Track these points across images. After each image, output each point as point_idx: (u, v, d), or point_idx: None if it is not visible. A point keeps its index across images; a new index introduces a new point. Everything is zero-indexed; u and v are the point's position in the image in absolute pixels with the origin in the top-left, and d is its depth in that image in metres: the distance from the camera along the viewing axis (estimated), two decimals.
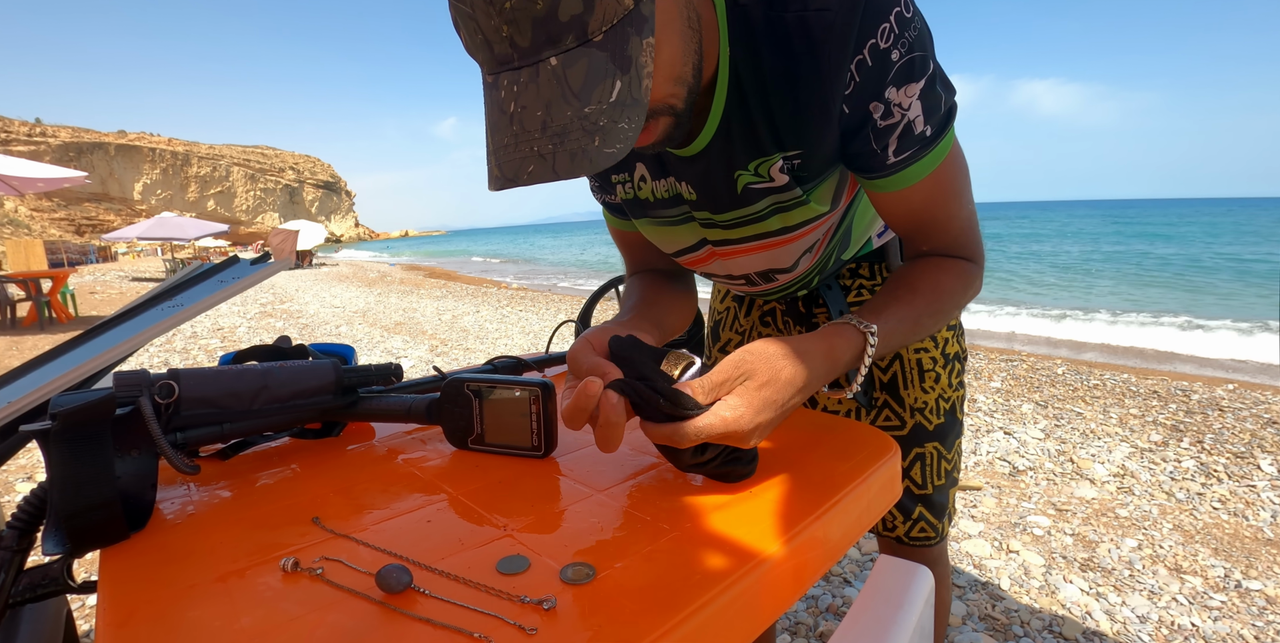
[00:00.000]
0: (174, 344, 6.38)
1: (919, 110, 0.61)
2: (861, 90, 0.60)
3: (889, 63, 0.58)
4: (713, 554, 0.47)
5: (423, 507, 0.56)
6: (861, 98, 0.60)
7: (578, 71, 0.46)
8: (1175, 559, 2.04)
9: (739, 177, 0.70)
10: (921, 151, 0.64)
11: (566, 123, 0.46)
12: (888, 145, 0.63)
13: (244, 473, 0.67)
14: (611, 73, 0.46)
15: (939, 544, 1.00)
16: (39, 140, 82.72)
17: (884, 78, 0.59)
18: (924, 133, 0.63)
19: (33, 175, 7.40)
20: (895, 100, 0.60)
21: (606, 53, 0.46)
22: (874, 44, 0.57)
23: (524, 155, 0.48)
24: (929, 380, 0.95)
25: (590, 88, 0.46)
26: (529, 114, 0.48)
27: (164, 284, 1.02)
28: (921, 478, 0.95)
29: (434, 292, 12.06)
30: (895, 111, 0.61)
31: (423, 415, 0.70)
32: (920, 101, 0.61)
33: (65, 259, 29.39)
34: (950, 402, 0.96)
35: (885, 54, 0.58)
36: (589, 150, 0.46)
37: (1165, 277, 13.68)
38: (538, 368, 0.98)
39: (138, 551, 0.51)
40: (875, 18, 0.56)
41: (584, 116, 0.46)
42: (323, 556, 0.48)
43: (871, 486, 0.62)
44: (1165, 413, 3.51)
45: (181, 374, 0.62)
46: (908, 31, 0.57)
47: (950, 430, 0.96)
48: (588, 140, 0.46)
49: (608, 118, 0.46)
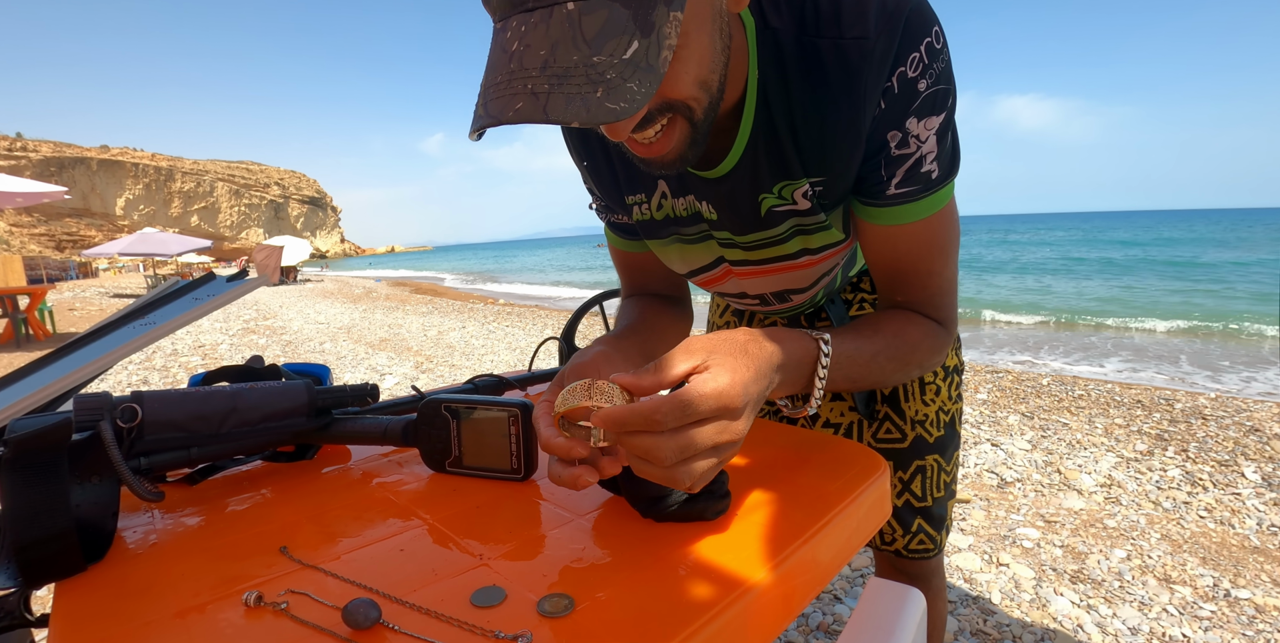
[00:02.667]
0: (154, 362, 6.28)
1: (932, 146, 0.61)
2: (884, 117, 0.59)
3: (915, 93, 0.57)
4: (698, 583, 0.45)
5: (396, 534, 0.54)
6: (882, 125, 0.59)
7: (594, 19, 0.42)
8: (1164, 569, 2.04)
9: (763, 200, 0.69)
10: (922, 192, 0.63)
11: (570, 66, 0.42)
12: (894, 175, 0.62)
13: (212, 499, 0.64)
14: (630, 31, 0.43)
15: (936, 557, 0.99)
16: (19, 155, 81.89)
17: (908, 107, 0.58)
18: (929, 172, 0.62)
19: (11, 190, 7.31)
20: (914, 131, 0.59)
21: (630, 10, 0.43)
22: (903, 72, 0.56)
23: (515, 92, 0.43)
24: (929, 393, 0.94)
25: (604, 38, 0.42)
26: (531, 53, 0.43)
27: (137, 302, 1.00)
28: (922, 491, 0.95)
29: (419, 308, 11.98)
30: (911, 142, 0.60)
31: (399, 437, 0.68)
32: (935, 137, 0.60)
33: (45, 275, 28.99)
34: (950, 414, 0.96)
35: (913, 83, 0.57)
36: (588, 98, 0.42)
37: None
38: (520, 387, 0.96)
39: (95, 584, 0.49)
40: (908, 46, 0.56)
41: (591, 65, 0.42)
42: (289, 589, 0.46)
43: (861, 505, 0.61)
44: (1150, 422, 3.53)
45: (145, 397, 0.60)
46: (936, 63, 0.57)
47: (950, 443, 0.96)
48: (590, 89, 0.42)
49: (616, 72, 0.42)
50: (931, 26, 0.56)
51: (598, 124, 0.43)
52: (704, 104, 0.54)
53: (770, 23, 0.59)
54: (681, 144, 0.56)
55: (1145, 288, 13.16)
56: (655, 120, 0.53)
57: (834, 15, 0.56)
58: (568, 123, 0.42)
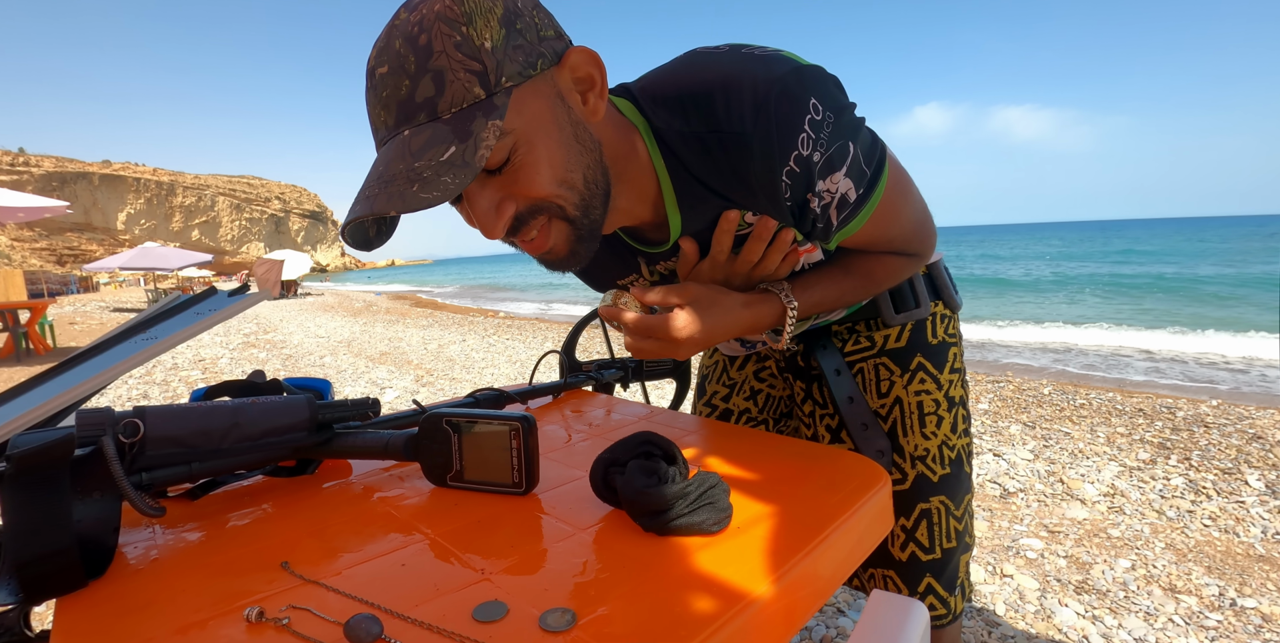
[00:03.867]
0: (154, 376, 6.28)
1: (848, 185, 0.65)
2: (796, 190, 0.64)
3: (813, 164, 0.62)
4: (699, 596, 0.45)
5: (398, 549, 0.54)
6: (798, 194, 0.64)
7: (420, 139, 0.52)
8: (1169, 579, 2.03)
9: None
10: (857, 210, 0.68)
11: (397, 173, 0.51)
12: (830, 218, 0.68)
13: (213, 514, 0.64)
14: (449, 140, 0.51)
15: (950, 625, 0.90)
16: (22, 170, 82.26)
17: (812, 177, 0.63)
18: (859, 196, 0.67)
19: (13, 205, 7.34)
20: (825, 188, 0.64)
21: (450, 126, 0.52)
22: (798, 154, 0.61)
23: (359, 200, 0.53)
24: (930, 425, 0.89)
25: (426, 149, 0.51)
26: (373, 173, 0.54)
27: (139, 317, 1.00)
28: (929, 540, 0.87)
29: (420, 321, 11.98)
30: (826, 195, 0.65)
31: (400, 452, 0.68)
32: (847, 178, 0.65)
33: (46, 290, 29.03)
34: (955, 450, 0.90)
35: (809, 159, 0.61)
36: (405, 193, 0.50)
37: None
38: (521, 400, 0.96)
39: (95, 600, 0.49)
40: (791, 133, 0.59)
41: (413, 169, 0.51)
42: (290, 604, 0.46)
43: (863, 517, 0.61)
44: (1152, 431, 3.52)
45: (148, 412, 0.60)
46: (822, 133, 0.61)
47: (958, 484, 0.90)
48: (408, 186, 0.51)
49: (432, 171, 0.50)
50: (806, 103, 0.59)
51: (413, 210, 0.50)
52: (573, 201, 0.61)
53: (656, 124, 0.66)
54: (568, 241, 0.63)
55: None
56: (528, 222, 0.61)
57: (709, 112, 0.62)
58: (387, 213, 0.50)
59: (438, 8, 0.52)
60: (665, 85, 0.65)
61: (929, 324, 0.93)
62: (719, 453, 0.76)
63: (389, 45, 0.53)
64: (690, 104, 0.63)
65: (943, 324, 0.94)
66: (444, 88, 0.52)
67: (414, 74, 0.52)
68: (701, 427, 0.89)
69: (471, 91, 0.52)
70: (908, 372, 0.91)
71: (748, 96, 0.59)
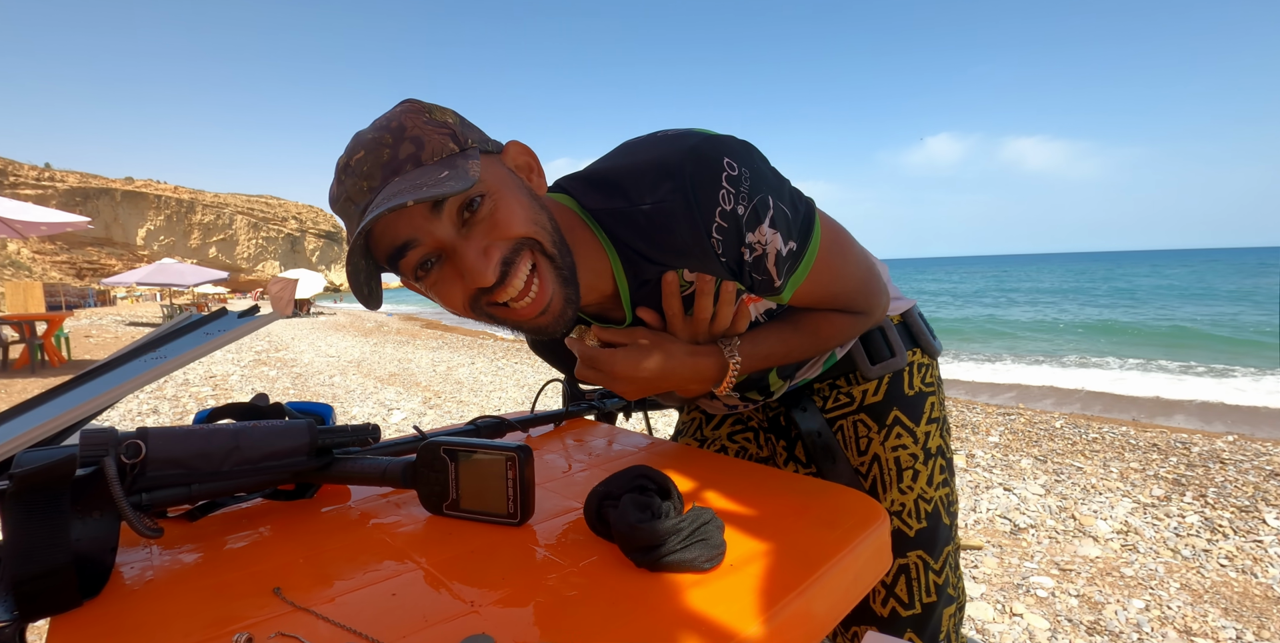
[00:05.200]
0: (165, 392, 6.32)
1: (777, 238, 0.69)
2: (728, 244, 0.68)
3: (738, 218, 0.66)
4: (689, 635, 0.45)
5: (390, 578, 0.54)
6: (731, 249, 0.68)
7: (412, 175, 0.58)
8: (1184, 621, 1.98)
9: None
10: (795, 264, 0.72)
11: (400, 190, 0.56)
12: (768, 271, 0.71)
13: (210, 536, 0.64)
14: (440, 171, 0.57)
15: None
16: (47, 185, 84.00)
17: (740, 229, 0.67)
18: (791, 250, 0.70)
19: (36, 219, 7.48)
20: (755, 239, 0.68)
21: (438, 166, 0.59)
22: (721, 209, 0.65)
23: (374, 207, 0.57)
24: (906, 479, 0.89)
25: (422, 177, 0.57)
26: (380, 203, 0.57)
27: (150, 335, 1.01)
28: (908, 596, 0.87)
29: (429, 343, 12.04)
30: (758, 246, 0.69)
31: (398, 479, 0.68)
32: (771, 229, 0.68)
33: (64, 302, 29.43)
34: (932, 503, 0.89)
35: (734, 213, 0.66)
36: (417, 192, 0.55)
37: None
38: (521, 428, 0.97)
39: (89, 620, 0.49)
40: (710, 191, 0.64)
41: (416, 185, 0.56)
42: (279, 631, 0.46)
43: (860, 555, 0.60)
44: (1166, 466, 3.46)
45: (150, 433, 0.60)
46: (740, 187, 0.65)
47: (935, 537, 0.88)
48: (416, 191, 0.55)
49: (436, 183, 0.56)
50: (720, 161, 0.65)
51: (424, 200, 0.53)
52: (548, 238, 0.65)
53: (590, 206, 0.72)
54: (556, 284, 0.66)
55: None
56: (515, 263, 0.63)
57: (633, 190, 0.68)
58: (404, 204, 0.53)
59: (400, 109, 0.62)
60: (591, 176, 0.73)
61: (906, 375, 0.93)
62: (716, 487, 0.76)
63: (361, 141, 0.61)
64: (614, 186, 0.70)
65: (920, 373, 0.94)
66: (423, 145, 0.60)
67: (393, 144, 0.59)
68: (701, 459, 0.89)
69: (447, 146, 0.61)
70: (884, 428, 0.91)
71: (662, 170, 0.66)
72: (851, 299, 0.81)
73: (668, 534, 0.54)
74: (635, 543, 0.55)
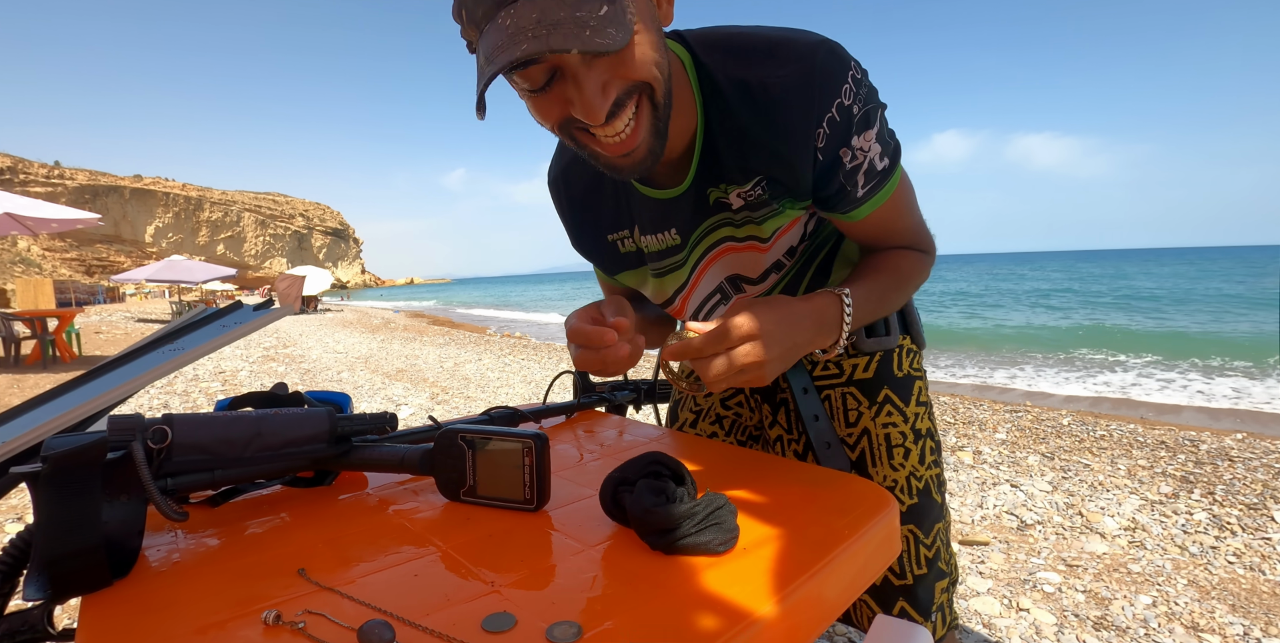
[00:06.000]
0: (175, 387, 6.37)
1: (878, 149, 0.73)
2: (832, 140, 0.70)
3: (851, 116, 0.69)
4: (703, 614, 0.46)
5: (411, 560, 0.55)
6: (832, 146, 0.71)
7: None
8: (1192, 617, 1.98)
9: (710, 192, 0.80)
10: (881, 183, 0.75)
11: (559, 19, 0.53)
12: (857, 182, 0.74)
13: (233, 521, 0.66)
14: (600, 5, 0.54)
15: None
16: (56, 182, 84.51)
17: (850, 128, 0.70)
18: (883, 167, 0.74)
19: (47, 216, 7.54)
20: (859, 145, 0.72)
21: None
22: (840, 102, 0.68)
23: (517, 42, 0.53)
24: (898, 456, 0.91)
25: (582, 2, 0.54)
26: (524, 18, 0.54)
27: (166, 327, 1.03)
28: (900, 566, 0.89)
29: (437, 339, 12.07)
30: (859, 154, 0.72)
31: (416, 466, 0.70)
32: (877, 142, 0.73)
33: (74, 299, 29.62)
34: (923, 481, 0.91)
35: (849, 109, 0.69)
36: (580, 35, 0.53)
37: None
38: (534, 419, 0.98)
39: (119, 599, 0.50)
40: (835, 81, 0.67)
41: (575, 18, 0.53)
42: (306, 609, 0.47)
43: (869, 542, 0.61)
44: (1174, 464, 3.45)
45: (175, 419, 0.62)
46: (862, 89, 0.69)
47: (926, 513, 0.91)
48: (580, 30, 0.53)
49: (597, 22, 0.53)
50: (849, 61, 0.68)
51: (589, 51, 0.52)
52: (661, 85, 0.64)
53: (704, 60, 0.71)
54: (649, 133, 0.66)
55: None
56: (625, 105, 0.62)
57: (763, 56, 0.68)
58: (566, 50, 0.52)
59: None
60: (715, 35, 0.72)
61: (895, 357, 0.94)
62: (727, 474, 0.77)
63: None
64: (741, 53, 0.69)
65: (909, 358, 0.95)
66: None
67: None
68: (712, 449, 0.90)
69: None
70: (875, 404, 0.92)
71: (795, 49, 0.67)
72: (918, 233, 0.84)
73: (682, 518, 0.55)
74: (651, 527, 0.56)
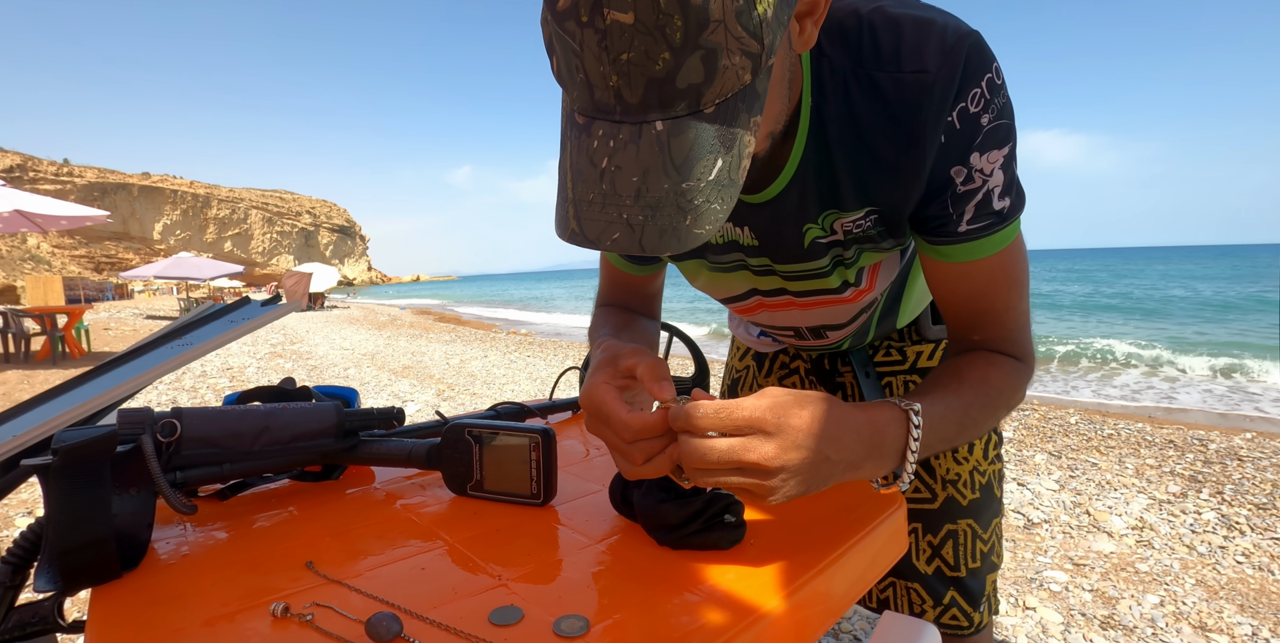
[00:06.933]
0: (183, 383, 6.40)
1: (999, 180, 0.60)
2: (946, 152, 0.58)
3: (977, 127, 0.57)
4: (710, 609, 0.46)
5: (418, 554, 0.56)
6: (945, 160, 0.59)
7: (682, 142, 0.43)
8: (1200, 617, 1.97)
9: (807, 230, 0.68)
10: (994, 227, 0.62)
11: (662, 196, 0.44)
12: (964, 212, 0.61)
13: (241, 514, 0.66)
14: (716, 150, 0.44)
15: (974, 636, 0.91)
16: (65, 180, 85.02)
17: (971, 142, 0.58)
18: (1000, 209, 0.61)
19: (56, 213, 7.59)
20: (978, 166, 0.59)
21: (715, 126, 0.44)
22: (964, 107, 0.56)
23: (610, 219, 0.45)
24: (962, 450, 0.89)
25: (693, 162, 0.44)
26: (623, 176, 0.44)
27: (175, 323, 1.03)
28: (954, 559, 0.88)
29: (443, 336, 12.10)
30: (977, 177, 0.59)
31: (423, 460, 0.70)
32: (1002, 171, 0.60)
33: (83, 295, 29.81)
34: (986, 477, 0.90)
35: (975, 118, 0.57)
36: (679, 229, 0.44)
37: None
38: (540, 414, 0.98)
39: (129, 590, 0.51)
40: (969, 82, 0.55)
41: (681, 192, 0.44)
42: (314, 601, 0.47)
43: (876, 538, 0.61)
44: (1183, 463, 3.44)
45: (185, 413, 0.62)
46: (997, 98, 0.57)
47: (986, 508, 0.90)
48: (680, 218, 0.44)
49: (703, 197, 0.44)
50: (991, 63, 0.56)
51: (689, 249, 0.45)
52: (766, 147, 0.57)
53: (826, 52, 0.58)
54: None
55: None
56: None
57: (894, 50, 0.56)
58: (662, 254, 0.45)
59: None
60: (842, 10, 0.59)
61: None
62: None
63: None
64: (870, 38, 0.57)
65: None
66: (715, 75, 0.42)
67: (679, 48, 0.40)
68: None
69: (740, 79, 0.44)
70: None
71: (937, 40, 0.55)
72: (1015, 330, 0.68)
73: (690, 514, 0.55)
74: (659, 522, 0.56)
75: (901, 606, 0.90)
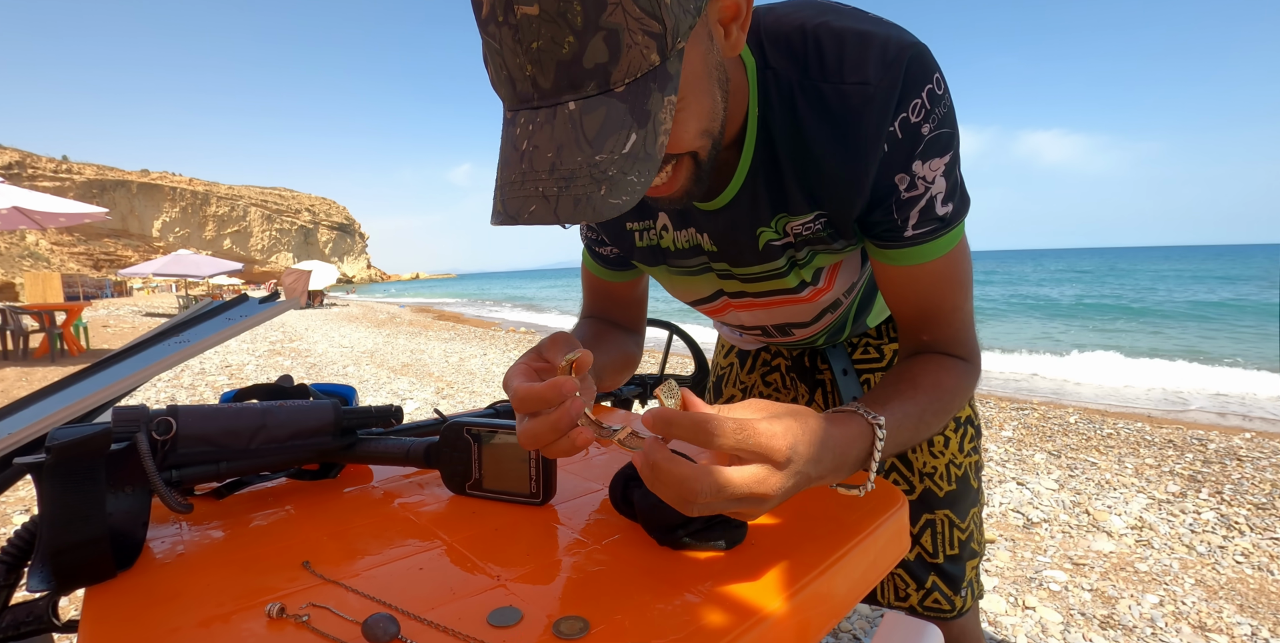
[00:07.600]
0: (181, 380, 6.39)
1: (942, 187, 0.62)
2: (889, 161, 0.60)
3: (919, 137, 0.59)
4: (711, 610, 0.45)
5: (416, 553, 0.55)
6: (889, 168, 0.61)
7: (594, 119, 0.45)
8: (1199, 616, 1.97)
9: (761, 233, 0.71)
10: (939, 231, 0.64)
11: (575, 168, 0.45)
12: (908, 218, 0.63)
13: (237, 513, 0.65)
14: (628, 125, 0.45)
15: (958, 619, 0.93)
16: (64, 177, 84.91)
17: (913, 151, 0.60)
18: (944, 214, 0.63)
19: (55, 210, 7.58)
20: (921, 173, 0.61)
21: (626, 104, 0.45)
22: (905, 117, 0.58)
23: (528, 194, 0.47)
24: (938, 445, 0.91)
25: (604, 136, 0.45)
26: (539, 154, 0.46)
27: (173, 320, 1.03)
28: (933, 547, 0.91)
29: (442, 334, 12.08)
30: (919, 184, 0.61)
31: (421, 459, 0.69)
32: (944, 178, 0.62)
33: (81, 293, 29.78)
34: (962, 468, 0.92)
35: (916, 128, 0.58)
36: (593, 198, 0.45)
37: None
38: None
39: (123, 590, 0.50)
40: (910, 93, 0.57)
41: (594, 164, 0.45)
42: (310, 602, 0.47)
43: (879, 538, 0.60)
44: (1182, 463, 3.44)
45: (180, 411, 0.62)
46: (938, 107, 0.59)
47: (963, 499, 0.92)
48: (594, 188, 0.45)
49: (617, 168, 0.45)
50: (932, 73, 0.58)
51: (602, 219, 0.45)
52: (709, 150, 0.57)
53: (770, 63, 0.61)
54: (688, 182, 0.59)
55: None
56: (662, 168, 0.56)
57: (837, 62, 0.58)
58: (576, 223, 0.46)
59: None
60: (786, 27, 0.61)
61: None
62: None
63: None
64: (812, 51, 0.59)
65: None
66: (619, 54, 0.44)
67: (581, 30, 0.43)
68: None
69: (648, 59, 0.45)
70: None
71: (879, 52, 0.57)
72: (961, 330, 0.71)
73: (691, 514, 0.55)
74: (659, 522, 0.55)
75: (886, 590, 0.93)
